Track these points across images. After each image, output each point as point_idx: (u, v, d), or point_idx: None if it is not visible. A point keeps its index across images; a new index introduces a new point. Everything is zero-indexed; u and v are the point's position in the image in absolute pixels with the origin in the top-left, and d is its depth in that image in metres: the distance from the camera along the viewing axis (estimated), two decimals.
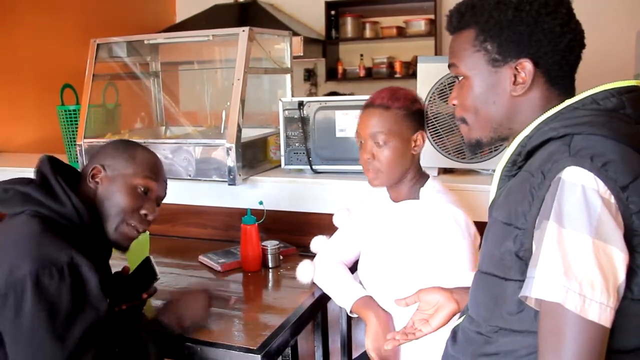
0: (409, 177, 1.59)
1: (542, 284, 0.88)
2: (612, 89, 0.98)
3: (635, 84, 1.00)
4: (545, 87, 1.04)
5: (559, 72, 1.04)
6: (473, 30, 1.07)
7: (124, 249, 1.46)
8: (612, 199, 0.87)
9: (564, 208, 0.88)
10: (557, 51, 1.02)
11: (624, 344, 0.90)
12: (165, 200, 2.41)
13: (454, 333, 1.16)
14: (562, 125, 0.97)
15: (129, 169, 1.43)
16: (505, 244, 0.98)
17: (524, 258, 0.94)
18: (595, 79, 1.10)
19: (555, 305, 0.86)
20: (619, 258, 0.86)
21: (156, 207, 1.49)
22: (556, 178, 0.91)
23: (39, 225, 1.25)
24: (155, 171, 1.48)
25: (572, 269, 0.85)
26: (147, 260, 1.64)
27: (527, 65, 1.02)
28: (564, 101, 1.02)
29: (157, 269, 1.61)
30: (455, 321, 1.20)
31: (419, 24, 5.19)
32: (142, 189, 1.43)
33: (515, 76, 1.04)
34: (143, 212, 1.44)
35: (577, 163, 0.90)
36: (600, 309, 0.84)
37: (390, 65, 5.42)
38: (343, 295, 1.65)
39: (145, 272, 1.62)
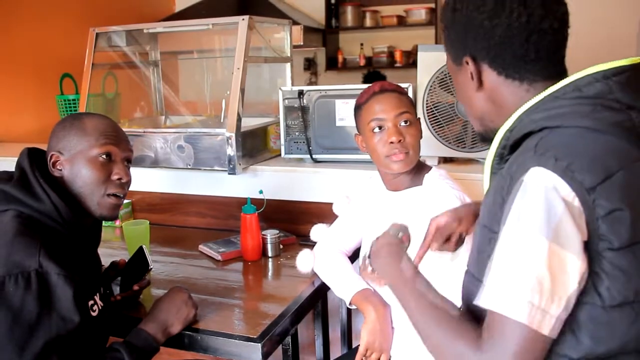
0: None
1: (489, 293, 0.86)
2: (596, 72, 0.92)
3: (625, 64, 0.93)
4: (499, 79, 1.01)
5: (505, 64, 0.99)
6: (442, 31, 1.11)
7: (114, 219, 1.43)
8: (576, 202, 0.83)
9: (522, 211, 0.85)
10: (493, 45, 0.98)
11: (601, 351, 0.87)
12: (165, 190, 2.45)
13: None
14: (541, 117, 0.92)
15: (83, 143, 1.35)
16: (482, 246, 0.96)
17: None
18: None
19: (498, 314, 0.84)
20: (574, 265, 0.82)
21: (127, 170, 1.42)
22: (519, 180, 0.88)
23: (17, 227, 1.22)
24: (111, 134, 1.39)
25: (519, 273, 0.83)
26: (140, 250, 1.63)
27: (470, 62, 1.03)
28: (528, 89, 0.99)
29: (150, 258, 1.60)
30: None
31: (420, 12, 5.17)
32: (104, 157, 1.36)
33: (471, 73, 1.03)
34: (115, 177, 1.38)
35: (541, 163, 0.86)
36: (543, 317, 0.82)
37: (391, 54, 5.41)
38: (343, 287, 1.65)
39: (139, 262, 1.62)
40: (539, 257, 0.82)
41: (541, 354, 0.84)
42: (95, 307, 1.32)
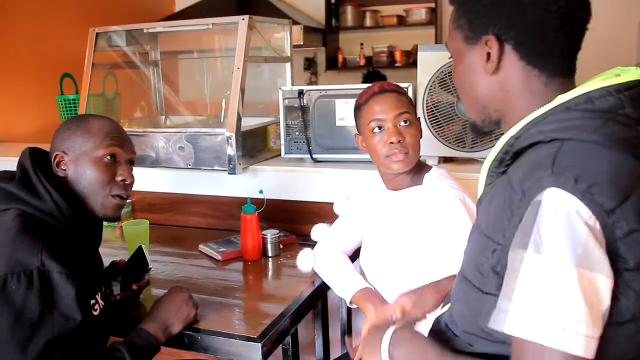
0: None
1: (519, 321, 0.82)
2: (609, 86, 0.89)
3: (637, 78, 0.90)
4: (520, 65, 0.96)
5: (532, 50, 0.95)
6: (454, 7, 1.04)
7: (116, 219, 1.44)
8: (597, 225, 0.81)
9: (544, 235, 0.81)
10: (524, 26, 0.93)
11: None
12: (165, 189, 2.45)
13: (437, 324, 1.14)
14: (551, 129, 0.89)
15: (88, 144, 1.37)
16: (484, 255, 0.94)
17: (501, 274, 0.89)
18: (597, 67, 1.06)
19: (535, 343, 0.81)
20: (605, 285, 0.80)
21: (131, 171, 1.44)
22: (535, 200, 0.84)
23: (19, 226, 1.22)
24: (116, 135, 1.41)
25: (553, 302, 0.80)
26: (139, 250, 1.63)
27: (492, 41, 0.96)
28: (546, 82, 0.96)
29: (149, 258, 1.60)
30: (440, 310, 1.19)
31: (420, 12, 5.17)
32: (109, 157, 1.38)
33: (488, 54, 0.98)
34: (119, 178, 1.39)
35: (559, 184, 0.82)
36: (585, 342, 0.79)
37: (391, 54, 5.41)
38: (343, 286, 1.65)
39: (139, 262, 1.62)
40: (571, 285, 0.79)
41: None
42: (96, 307, 1.32)
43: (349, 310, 2.09)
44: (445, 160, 2.16)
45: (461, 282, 1.03)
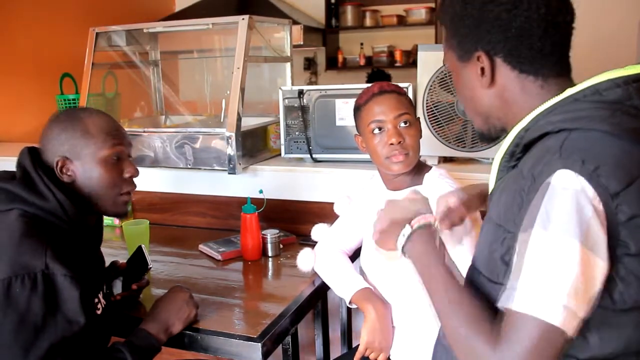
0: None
1: (526, 298, 0.83)
2: (617, 78, 0.91)
3: None
4: (513, 74, 1.00)
5: (522, 59, 0.98)
6: (444, 27, 1.08)
7: (126, 214, 1.46)
8: (601, 207, 0.83)
9: (552, 214, 0.83)
10: (509, 38, 0.96)
11: (606, 353, 0.87)
12: (165, 189, 2.45)
13: None
14: (560, 119, 0.91)
15: (90, 146, 1.34)
16: (494, 245, 0.95)
17: (510, 263, 0.90)
18: (597, 66, 1.07)
19: (535, 318, 0.82)
20: (600, 268, 0.82)
21: (133, 164, 1.44)
22: (545, 182, 0.86)
23: (23, 227, 1.21)
24: (115, 133, 1.40)
25: (557, 278, 0.81)
26: (139, 250, 1.63)
27: (482, 57, 1.00)
28: (542, 85, 0.98)
29: (149, 258, 1.60)
30: None
31: (420, 12, 5.18)
32: (115, 157, 1.38)
33: (482, 69, 1.01)
34: (127, 175, 1.40)
35: (568, 166, 0.85)
36: (573, 320, 0.81)
37: (391, 54, 5.42)
38: (343, 286, 1.65)
39: (139, 262, 1.62)
40: (572, 261, 0.81)
41: (560, 354, 0.83)
42: (99, 305, 1.32)
43: (349, 310, 2.09)
44: (445, 160, 2.16)
45: (471, 273, 1.05)
